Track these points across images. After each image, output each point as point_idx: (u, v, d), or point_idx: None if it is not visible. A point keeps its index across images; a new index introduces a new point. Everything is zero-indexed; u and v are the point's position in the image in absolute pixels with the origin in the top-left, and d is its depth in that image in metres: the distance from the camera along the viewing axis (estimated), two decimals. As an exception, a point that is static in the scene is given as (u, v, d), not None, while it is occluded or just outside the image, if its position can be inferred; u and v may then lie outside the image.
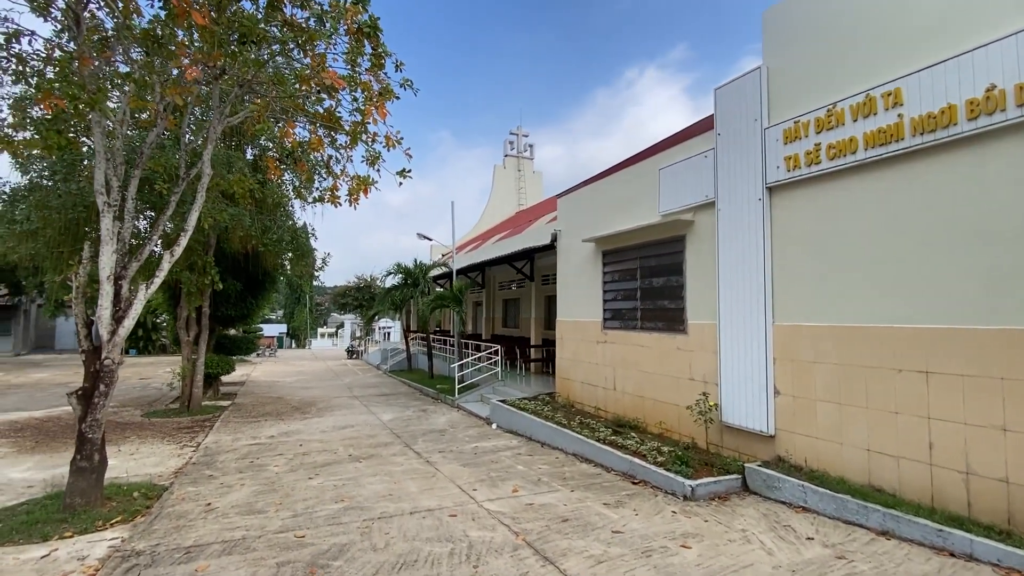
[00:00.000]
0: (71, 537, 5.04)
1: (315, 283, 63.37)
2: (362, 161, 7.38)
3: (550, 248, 12.14)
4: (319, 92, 5.85)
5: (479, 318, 23.97)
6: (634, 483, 6.25)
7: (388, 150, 7.39)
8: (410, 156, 6.99)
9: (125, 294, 6.34)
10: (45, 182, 9.78)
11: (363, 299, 34.57)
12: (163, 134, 9.00)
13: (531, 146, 34.59)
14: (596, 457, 7.19)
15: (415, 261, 18.08)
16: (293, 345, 57.51)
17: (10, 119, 6.62)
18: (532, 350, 15.70)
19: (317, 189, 10.27)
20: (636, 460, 6.49)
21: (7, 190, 10.22)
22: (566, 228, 11.00)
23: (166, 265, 6.38)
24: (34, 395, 15.83)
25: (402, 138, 6.94)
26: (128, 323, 6.16)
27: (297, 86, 6.12)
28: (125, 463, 7.86)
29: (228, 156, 10.59)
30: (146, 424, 10.92)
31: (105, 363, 6.05)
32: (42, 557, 4.60)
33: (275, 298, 19.90)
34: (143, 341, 32.65)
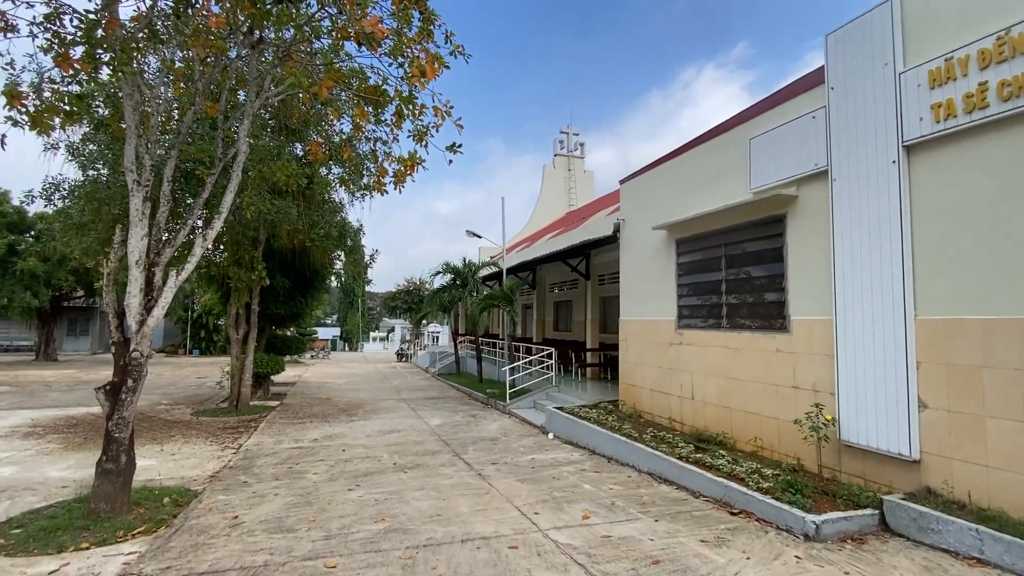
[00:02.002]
0: (87, 549, 4.49)
1: (367, 288, 64.49)
2: (408, 136, 6.64)
3: (611, 241, 11.03)
4: (360, 48, 5.14)
5: (529, 321, 23.04)
6: (732, 514, 5.07)
7: (436, 131, 6.64)
8: (461, 127, 6.16)
9: (158, 282, 5.84)
10: (102, 177, 9.76)
11: (412, 302, 34.51)
12: (204, 119, 8.68)
13: (582, 144, 33.44)
14: (678, 478, 6.04)
15: (464, 260, 17.41)
16: (346, 348, 58.72)
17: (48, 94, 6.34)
18: (588, 354, 14.57)
19: (366, 174, 9.73)
20: (733, 485, 5.30)
21: (65, 186, 10.29)
22: (631, 216, 9.88)
23: (198, 250, 5.85)
24: (99, 391, 16.16)
25: (452, 107, 6.14)
26: (158, 312, 5.64)
27: (334, 39, 5.43)
28: (164, 464, 7.46)
29: (277, 147, 10.26)
30: (193, 423, 10.68)
31: (133, 355, 5.55)
32: (50, 573, 4.03)
33: (326, 299, 19.80)
34: (205, 342, 33.94)
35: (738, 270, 7.14)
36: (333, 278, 16.44)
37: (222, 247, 12.02)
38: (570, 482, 6.27)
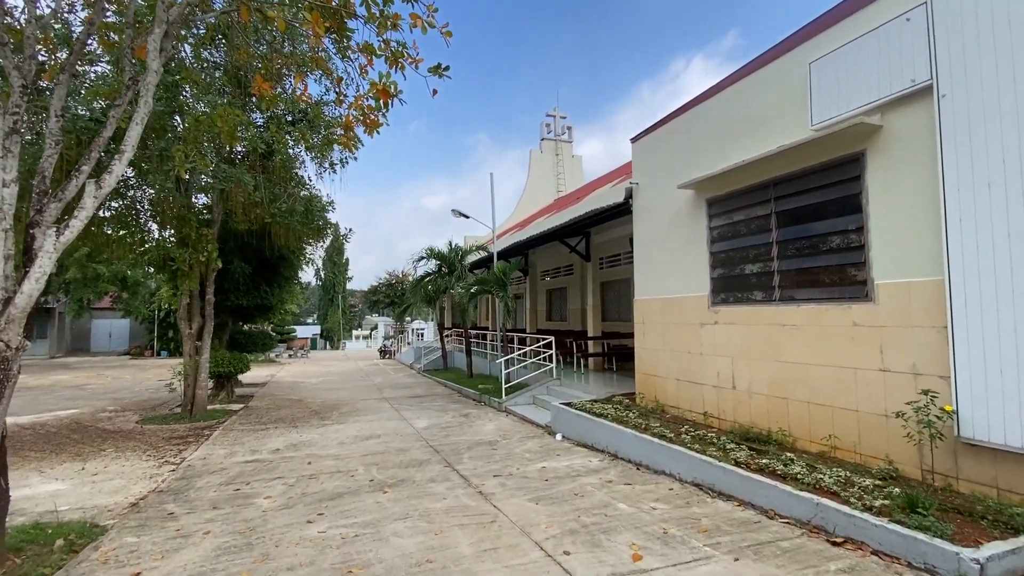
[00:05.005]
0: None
1: (347, 284, 62.15)
2: (379, 55, 5.13)
3: (619, 213, 9.66)
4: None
5: (521, 311, 21.63)
6: (834, 543, 3.71)
7: (415, 67, 5.14)
8: (449, 35, 4.68)
9: (39, 248, 4.25)
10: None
11: (394, 296, 32.84)
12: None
13: (569, 128, 32.07)
14: (739, 491, 4.68)
15: (450, 244, 15.88)
16: (327, 347, 56.58)
17: None
18: (590, 343, 13.21)
19: (330, 128, 8.19)
20: (828, 502, 3.94)
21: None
22: (646, 179, 8.49)
23: (89, 201, 4.26)
24: (39, 398, 14.48)
25: (437, 10, 4.64)
26: (30, 287, 4.04)
27: None
28: (79, 488, 5.88)
29: (228, 100, 8.64)
30: (135, 432, 9.04)
31: (-7, 348, 3.96)
32: None
33: (298, 290, 18.05)
34: (173, 342, 31.78)
35: (794, 229, 5.79)
36: (305, 266, 14.72)
37: (171, 229, 10.35)
38: (598, 500, 4.86)
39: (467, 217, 15.08)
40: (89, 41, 8.13)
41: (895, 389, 4.67)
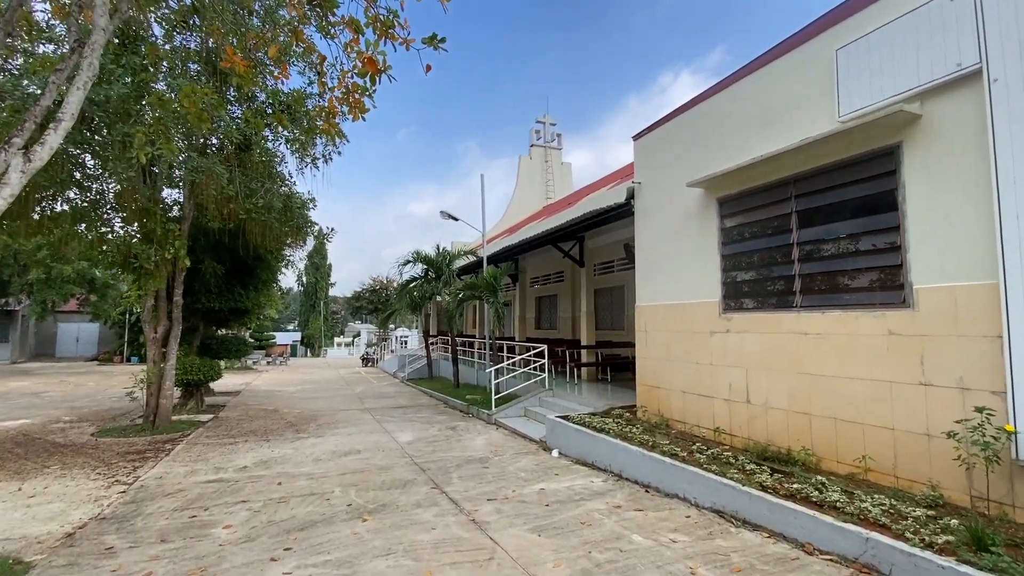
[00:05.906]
0: None
1: (329, 291, 60.83)
2: (366, 27, 4.57)
3: (619, 216, 9.18)
4: None
5: (509, 319, 21.03)
6: (892, 587, 3.19)
7: (406, 41, 4.59)
8: (446, 2, 4.15)
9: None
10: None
11: (378, 302, 32.02)
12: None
13: (559, 135, 31.78)
14: (768, 520, 4.14)
15: (438, 248, 15.27)
16: (308, 354, 55.15)
17: None
18: (584, 352, 12.67)
19: (312, 117, 7.57)
20: (879, 537, 3.42)
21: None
22: (650, 178, 8.02)
23: (15, 176, 3.60)
24: (-11, 407, 13.32)
25: (433, -28, 4.11)
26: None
27: None
28: (9, 513, 5.13)
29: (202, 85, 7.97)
30: (88, 446, 8.20)
31: None
32: None
33: (277, 293, 17.16)
34: (143, 348, 30.41)
35: (818, 229, 5.33)
36: (285, 269, 13.92)
37: (135, 224, 9.57)
38: (609, 530, 4.28)
39: (456, 219, 14.51)
40: (50, 21, 7.41)
41: (939, 406, 4.20)
